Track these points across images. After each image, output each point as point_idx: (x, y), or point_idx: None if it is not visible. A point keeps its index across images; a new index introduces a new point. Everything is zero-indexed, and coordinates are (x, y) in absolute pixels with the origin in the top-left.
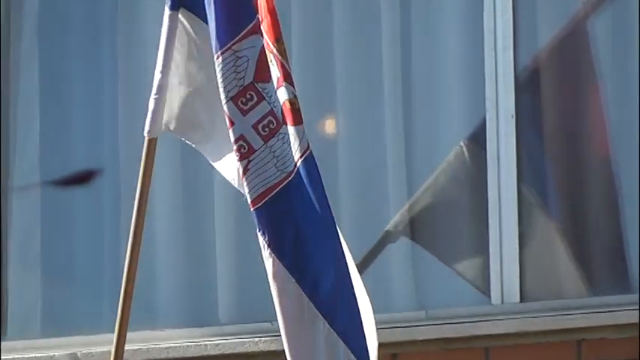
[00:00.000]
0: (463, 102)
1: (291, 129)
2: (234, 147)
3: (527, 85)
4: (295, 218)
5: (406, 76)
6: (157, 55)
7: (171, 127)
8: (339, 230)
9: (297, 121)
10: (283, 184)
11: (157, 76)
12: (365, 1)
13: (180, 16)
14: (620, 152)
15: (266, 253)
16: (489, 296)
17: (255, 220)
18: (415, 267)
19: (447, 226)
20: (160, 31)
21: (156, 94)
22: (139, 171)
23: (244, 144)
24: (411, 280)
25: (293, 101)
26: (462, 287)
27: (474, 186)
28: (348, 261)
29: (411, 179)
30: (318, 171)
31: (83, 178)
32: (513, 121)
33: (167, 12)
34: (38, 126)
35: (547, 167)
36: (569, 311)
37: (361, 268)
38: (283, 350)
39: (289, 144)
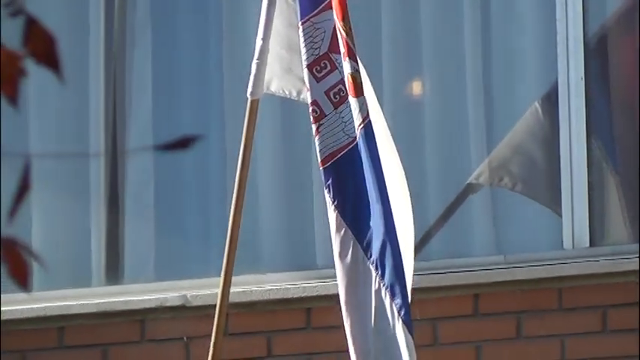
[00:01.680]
0: (537, 65)
1: (352, 100)
2: (310, 109)
3: (595, 51)
4: (355, 180)
5: (486, 42)
6: (258, 23)
7: (272, 88)
8: (392, 192)
9: (359, 93)
10: (348, 147)
11: (259, 42)
12: None
13: None
14: None
15: (331, 208)
16: (562, 241)
17: (323, 178)
18: (495, 216)
19: (524, 178)
20: (261, 1)
21: (258, 59)
22: (242, 131)
23: (317, 108)
24: (491, 228)
25: (355, 75)
26: (537, 234)
27: (548, 141)
28: (398, 223)
29: (491, 136)
30: (374, 139)
31: (183, 143)
32: (582, 82)
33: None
34: (150, 92)
35: (613, 125)
36: (631, 255)
37: (445, 217)
38: None
39: (354, 112)
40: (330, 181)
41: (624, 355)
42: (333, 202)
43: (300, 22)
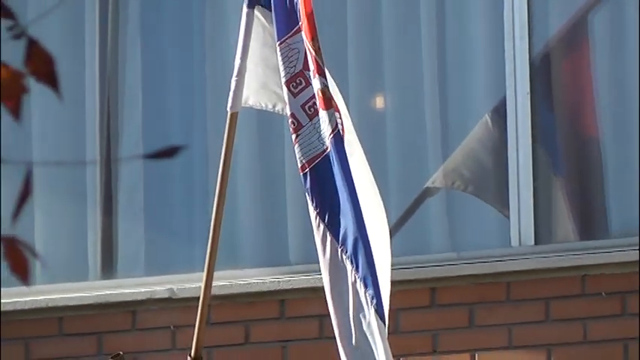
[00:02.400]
0: (488, 81)
1: (322, 112)
2: (289, 121)
3: (540, 68)
4: (331, 184)
5: (442, 60)
6: (237, 44)
7: (250, 102)
8: (362, 194)
9: (328, 106)
10: (324, 154)
11: (237, 62)
12: None
13: (256, 12)
14: (607, 125)
15: (311, 209)
16: (509, 239)
17: (302, 182)
18: (449, 217)
19: (475, 182)
20: (240, 23)
21: (236, 77)
22: (223, 140)
23: (294, 120)
24: (446, 228)
25: (324, 90)
26: (487, 234)
27: (497, 149)
28: (367, 221)
29: (446, 144)
30: (343, 147)
31: (169, 152)
32: (528, 97)
33: (245, 10)
34: (140, 106)
35: (556, 135)
36: (575, 251)
37: (405, 217)
38: None
39: (325, 124)
40: (308, 185)
41: (566, 342)
42: (312, 204)
43: (277, 43)
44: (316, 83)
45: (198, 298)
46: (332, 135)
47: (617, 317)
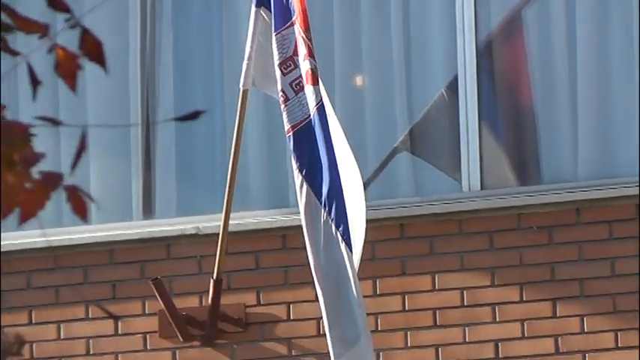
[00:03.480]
0: (444, 62)
1: (310, 87)
2: (279, 95)
3: (485, 53)
4: (310, 145)
5: (407, 45)
6: (247, 33)
7: (256, 84)
8: (339, 153)
9: (315, 82)
10: (304, 122)
11: (247, 49)
12: None
13: (261, 11)
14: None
15: (293, 162)
16: (461, 186)
17: (288, 142)
18: (414, 169)
19: (435, 142)
20: (249, 19)
21: (247, 61)
22: (237, 109)
23: (283, 94)
24: (412, 177)
25: (313, 70)
26: (444, 181)
27: (452, 116)
28: (342, 174)
29: (411, 113)
30: (326, 117)
31: (194, 115)
32: (475, 76)
33: (253, 9)
34: (172, 79)
35: (497, 104)
36: (512, 195)
37: (379, 170)
38: None
39: (309, 97)
40: (292, 147)
41: (506, 265)
42: (294, 159)
43: (274, 34)
44: (306, 64)
45: (218, 234)
46: (316, 106)
47: (545, 246)
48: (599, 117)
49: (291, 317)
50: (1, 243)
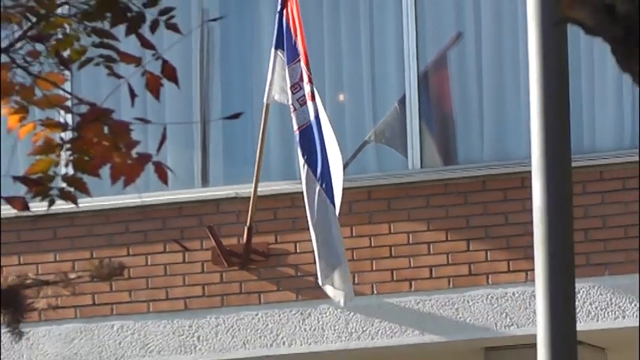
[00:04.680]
0: (397, 85)
1: (310, 103)
2: (290, 106)
3: (423, 79)
4: (311, 140)
5: (372, 70)
6: (269, 60)
7: (276, 98)
8: (329, 148)
9: (313, 99)
10: (305, 125)
11: (269, 76)
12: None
13: (278, 52)
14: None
15: (299, 152)
16: (407, 164)
17: (295, 137)
18: (377, 155)
19: (391, 136)
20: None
21: (268, 85)
22: (262, 116)
23: (292, 106)
24: (375, 160)
25: (312, 91)
26: (396, 162)
27: (401, 119)
28: (330, 159)
29: (376, 116)
30: (320, 122)
31: (235, 116)
32: (417, 93)
33: (273, 50)
34: (220, 92)
35: (431, 110)
36: (441, 171)
37: (354, 156)
38: None
39: (310, 109)
40: (298, 140)
41: (438, 217)
42: (300, 150)
43: (286, 66)
44: (307, 88)
45: (250, 197)
46: (314, 114)
47: (462, 205)
48: (498, 119)
49: (297, 251)
50: (112, 203)
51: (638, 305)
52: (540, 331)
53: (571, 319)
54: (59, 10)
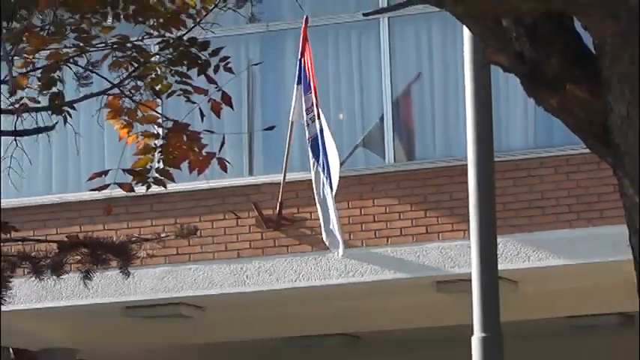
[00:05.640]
0: (377, 107)
1: (317, 121)
2: (305, 123)
3: (395, 103)
4: (317, 146)
5: (361, 99)
6: (292, 95)
7: (296, 117)
8: (329, 151)
9: (319, 118)
10: (314, 136)
11: (292, 103)
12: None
13: (299, 87)
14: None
15: (310, 154)
16: (385, 160)
17: (307, 144)
18: (365, 156)
19: (374, 143)
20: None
21: (292, 109)
22: (288, 130)
23: (306, 123)
24: (363, 157)
25: (319, 112)
26: (377, 159)
27: (381, 132)
28: (329, 158)
29: (364, 128)
30: (324, 135)
31: (270, 128)
32: (391, 114)
33: (295, 85)
34: (260, 110)
35: (401, 126)
36: (411, 164)
37: (348, 157)
38: None
39: (317, 124)
40: (309, 146)
41: (406, 195)
42: (311, 152)
43: (303, 96)
44: (315, 110)
45: (280, 182)
46: (319, 129)
47: (420, 187)
48: (445, 130)
49: (312, 218)
50: (189, 186)
51: (538, 253)
52: (474, 270)
53: (494, 262)
54: (153, 59)
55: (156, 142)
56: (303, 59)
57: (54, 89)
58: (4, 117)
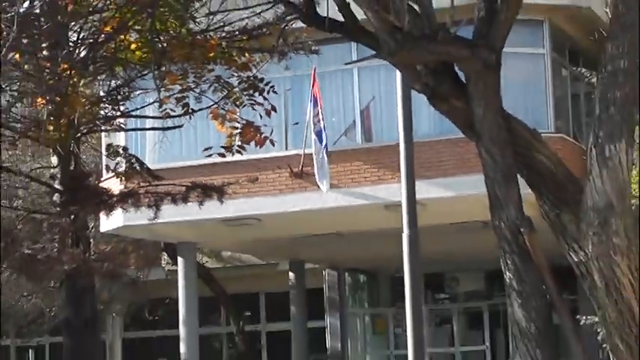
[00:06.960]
0: (350, 116)
1: (320, 122)
2: (313, 127)
3: (360, 114)
4: (321, 136)
5: (342, 117)
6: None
7: (310, 120)
8: (324, 138)
9: (324, 130)
10: (318, 130)
11: (307, 113)
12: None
13: (310, 104)
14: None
15: (319, 145)
16: (357, 142)
17: (318, 140)
18: (346, 141)
19: (350, 134)
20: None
21: (308, 114)
22: (305, 126)
23: (313, 124)
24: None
25: (324, 126)
26: (352, 142)
27: (353, 128)
28: (323, 140)
29: (345, 127)
30: (327, 141)
31: (296, 124)
32: (360, 121)
33: (309, 104)
34: (291, 113)
35: (367, 133)
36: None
37: (337, 140)
38: None
39: (321, 124)
40: (316, 135)
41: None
42: (317, 139)
43: (312, 110)
44: (320, 117)
45: (301, 155)
46: (322, 126)
47: (378, 158)
48: (388, 122)
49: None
50: (254, 156)
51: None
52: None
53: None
54: (235, 89)
55: (235, 131)
56: (313, 89)
57: (184, 101)
58: (154, 121)
